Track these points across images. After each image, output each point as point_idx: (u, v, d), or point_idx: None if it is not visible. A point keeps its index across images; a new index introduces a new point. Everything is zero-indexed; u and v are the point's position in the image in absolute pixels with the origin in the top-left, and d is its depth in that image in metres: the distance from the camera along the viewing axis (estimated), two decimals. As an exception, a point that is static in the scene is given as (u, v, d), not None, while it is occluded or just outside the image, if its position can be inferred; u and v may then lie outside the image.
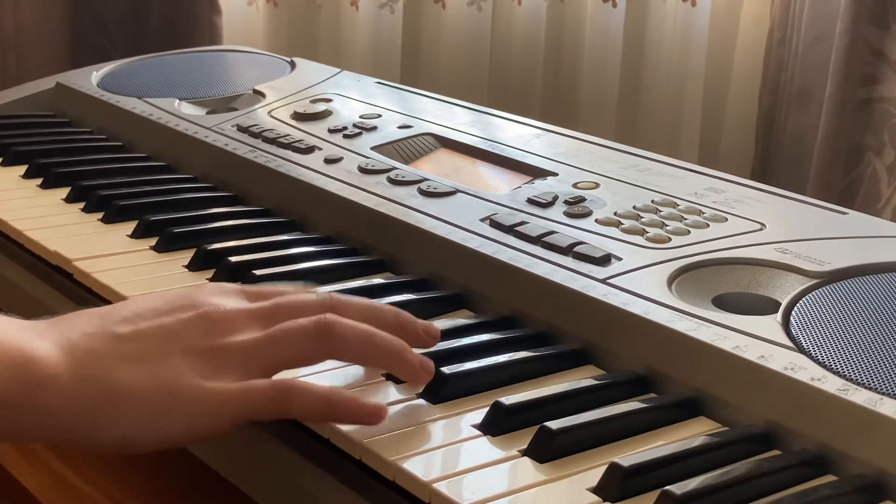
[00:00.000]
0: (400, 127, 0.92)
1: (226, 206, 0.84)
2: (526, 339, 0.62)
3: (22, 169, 0.93)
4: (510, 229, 0.71)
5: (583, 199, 0.75)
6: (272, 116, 0.97)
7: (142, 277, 0.71)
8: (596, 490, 0.49)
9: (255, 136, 0.92)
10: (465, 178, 0.82)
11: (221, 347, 0.54)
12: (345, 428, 0.53)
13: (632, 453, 0.51)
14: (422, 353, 0.58)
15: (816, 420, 0.52)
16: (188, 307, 0.55)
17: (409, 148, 0.89)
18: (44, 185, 0.89)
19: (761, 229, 0.70)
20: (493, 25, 2.04)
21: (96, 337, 0.53)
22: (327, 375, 0.58)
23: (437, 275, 0.70)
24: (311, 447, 0.55)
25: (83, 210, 0.83)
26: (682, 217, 0.72)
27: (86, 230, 0.79)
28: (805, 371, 0.53)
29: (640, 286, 0.62)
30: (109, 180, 0.88)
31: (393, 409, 0.55)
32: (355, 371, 0.59)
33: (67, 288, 0.73)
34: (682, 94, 2.24)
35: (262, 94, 1.04)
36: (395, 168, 0.83)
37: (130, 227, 0.79)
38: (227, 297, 0.57)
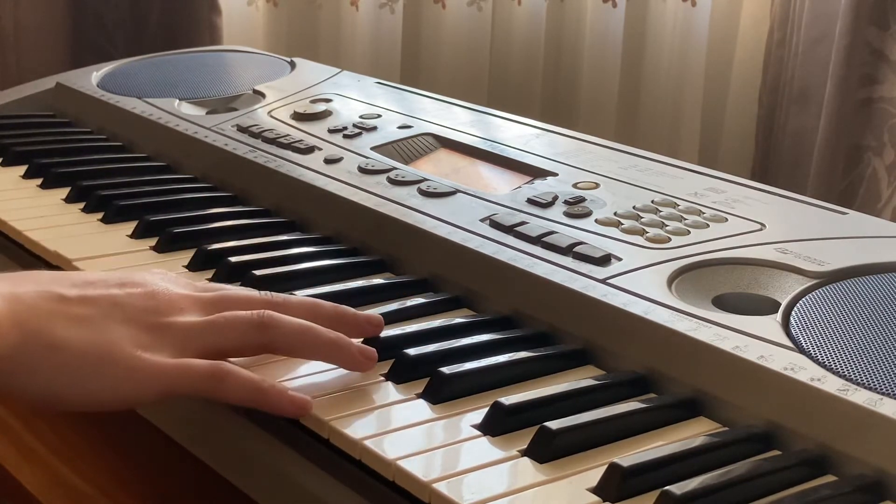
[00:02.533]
0: (400, 127, 0.92)
1: (226, 206, 0.84)
2: (526, 339, 0.62)
3: (22, 169, 0.93)
4: (510, 229, 0.71)
5: (583, 199, 0.75)
6: (272, 116, 0.97)
7: (142, 277, 0.71)
8: (596, 490, 0.49)
9: (255, 136, 0.92)
10: (465, 178, 0.82)
11: (163, 324, 0.56)
12: (345, 428, 0.53)
13: (632, 453, 0.51)
14: (425, 350, 0.59)
15: (816, 420, 0.52)
16: (137, 284, 0.58)
17: (409, 148, 0.89)
18: (44, 185, 0.89)
19: (761, 229, 0.70)
20: (493, 25, 2.04)
21: (43, 295, 0.55)
22: (323, 377, 0.58)
23: (437, 275, 0.70)
24: (311, 447, 0.55)
25: (83, 210, 0.83)
26: (682, 217, 0.72)
27: (86, 230, 0.79)
28: (805, 371, 0.53)
29: (640, 286, 0.62)
30: (109, 180, 0.88)
31: (392, 409, 0.55)
32: (353, 372, 0.59)
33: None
34: (682, 94, 2.24)
35: (262, 94, 1.04)
36: (395, 168, 0.83)
37: (130, 227, 0.79)
38: (174, 283, 0.60)
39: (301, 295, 0.64)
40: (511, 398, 0.54)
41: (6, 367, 0.52)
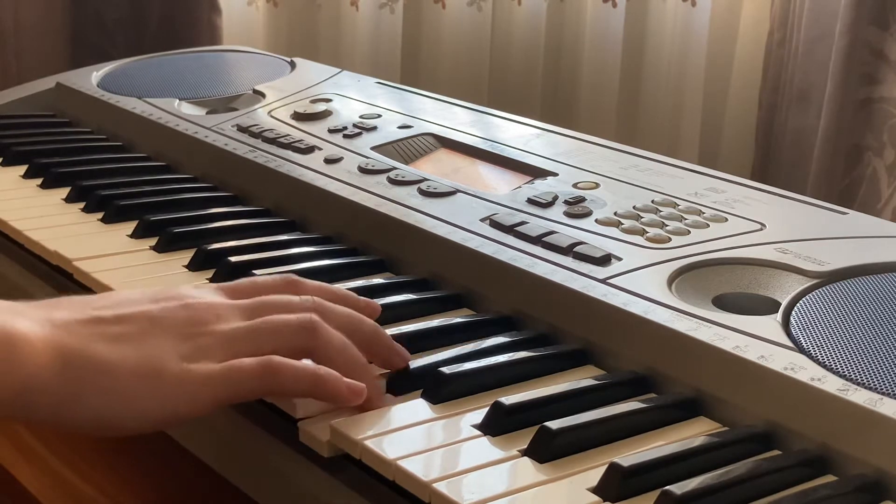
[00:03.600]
0: (400, 127, 0.92)
1: (226, 206, 0.84)
2: (526, 339, 0.62)
3: (22, 169, 0.93)
4: (510, 229, 0.71)
5: (583, 199, 0.75)
6: (272, 116, 0.97)
7: (142, 277, 0.71)
8: (596, 490, 0.49)
9: (255, 136, 0.92)
10: (465, 178, 0.82)
11: (204, 333, 0.54)
12: (345, 428, 0.53)
13: (632, 453, 0.51)
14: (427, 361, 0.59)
15: (816, 420, 0.52)
16: (171, 298, 0.56)
17: (409, 148, 0.89)
18: (44, 185, 0.89)
19: (761, 229, 0.70)
20: (493, 25, 2.04)
21: (79, 319, 0.53)
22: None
23: (437, 275, 0.70)
24: (311, 447, 0.55)
25: (83, 210, 0.83)
26: (682, 217, 0.72)
27: (86, 230, 0.79)
28: (805, 371, 0.53)
29: (640, 286, 0.62)
30: (109, 180, 0.88)
31: (393, 409, 0.55)
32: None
33: (67, 288, 0.73)
34: (682, 94, 2.24)
35: (262, 94, 1.04)
36: (395, 168, 0.83)
37: (130, 227, 0.79)
38: (207, 293, 0.58)
39: (279, 275, 0.63)
40: (511, 398, 0.54)
41: (52, 396, 0.50)
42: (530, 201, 0.75)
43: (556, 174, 0.81)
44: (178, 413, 0.53)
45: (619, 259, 0.66)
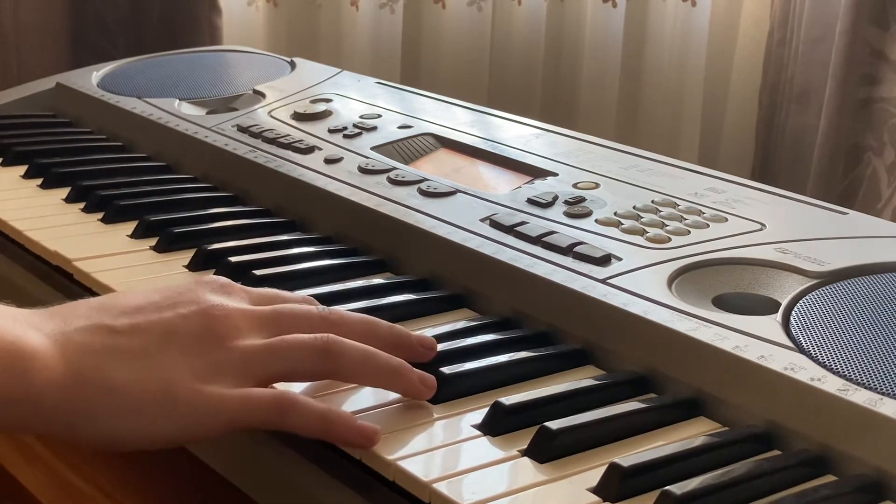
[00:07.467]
0: (400, 127, 0.92)
1: (226, 206, 0.84)
2: (526, 339, 0.62)
3: (22, 169, 0.93)
4: (510, 229, 0.71)
5: (583, 199, 0.75)
6: (272, 116, 0.97)
7: (142, 277, 0.71)
8: (596, 490, 0.49)
9: (255, 136, 0.92)
10: (465, 178, 0.82)
11: (221, 350, 0.53)
12: (345, 428, 0.53)
13: (632, 453, 0.51)
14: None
15: (816, 420, 0.52)
16: (189, 303, 0.55)
17: (409, 148, 0.89)
18: (44, 185, 0.89)
19: (761, 229, 0.70)
20: (493, 25, 2.04)
21: (92, 331, 0.52)
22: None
23: (437, 275, 0.70)
24: (311, 447, 0.55)
25: (83, 210, 0.83)
26: (682, 217, 0.72)
27: (86, 230, 0.79)
28: (805, 371, 0.53)
29: (640, 286, 0.63)
30: (109, 180, 0.88)
31: (393, 409, 0.55)
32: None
33: (67, 288, 0.73)
34: (682, 94, 2.24)
35: (262, 94, 1.04)
36: (395, 168, 0.83)
37: (130, 227, 0.79)
38: (228, 296, 0.56)
39: (302, 294, 0.64)
40: (511, 398, 0.54)
41: (64, 414, 0.50)
42: (530, 201, 0.75)
43: (556, 174, 0.81)
44: (189, 434, 0.52)
45: (619, 259, 0.66)
